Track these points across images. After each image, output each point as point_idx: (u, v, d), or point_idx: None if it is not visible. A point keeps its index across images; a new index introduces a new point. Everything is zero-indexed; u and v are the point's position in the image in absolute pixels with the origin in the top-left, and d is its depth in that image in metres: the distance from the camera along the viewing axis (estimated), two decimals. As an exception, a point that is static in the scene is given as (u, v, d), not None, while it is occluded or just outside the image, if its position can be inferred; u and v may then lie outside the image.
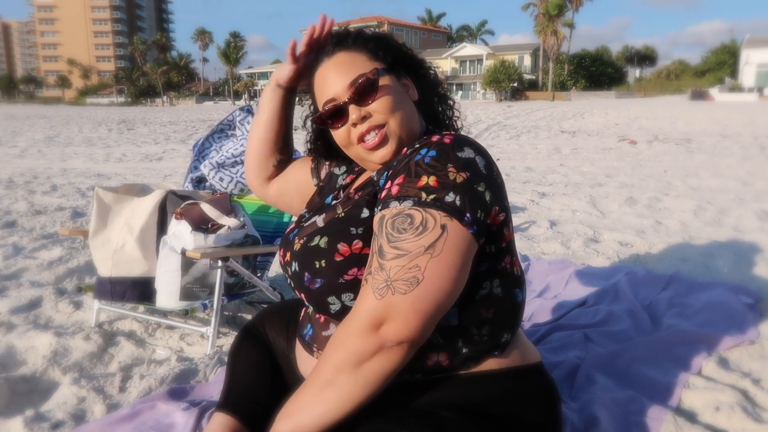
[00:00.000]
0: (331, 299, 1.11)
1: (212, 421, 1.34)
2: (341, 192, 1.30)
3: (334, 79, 1.17)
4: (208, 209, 2.11)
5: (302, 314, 1.30)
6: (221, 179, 2.55)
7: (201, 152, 2.75)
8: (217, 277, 2.04)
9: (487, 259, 1.08)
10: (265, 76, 74.09)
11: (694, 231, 3.75)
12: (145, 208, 2.17)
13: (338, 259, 1.08)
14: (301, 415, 1.03)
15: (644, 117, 17.40)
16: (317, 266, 1.10)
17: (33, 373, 1.89)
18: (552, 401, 1.21)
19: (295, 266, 1.14)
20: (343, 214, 1.14)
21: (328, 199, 1.29)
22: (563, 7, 53.37)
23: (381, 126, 1.14)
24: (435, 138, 1.07)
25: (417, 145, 1.07)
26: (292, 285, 1.19)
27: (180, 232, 2.03)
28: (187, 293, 2.05)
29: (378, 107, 1.14)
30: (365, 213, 1.11)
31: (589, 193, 5.16)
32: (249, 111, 2.82)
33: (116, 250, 2.15)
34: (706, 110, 21.15)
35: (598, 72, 57.54)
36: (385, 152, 1.15)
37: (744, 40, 46.25)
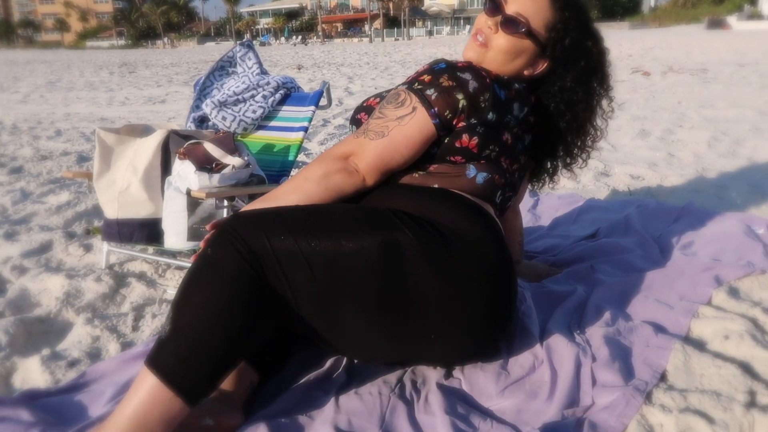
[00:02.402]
0: (351, 127, 1.62)
1: None
2: None
3: None
4: (211, 148, 2.07)
5: None
6: (224, 118, 2.50)
7: (202, 91, 2.69)
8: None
9: (438, 145, 1.40)
10: (267, 14, 72.04)
11: (708, 163, 3.68)
12: (148, 148, 2.14)
13: (364, 105, 1.60)
14: (265, 203, 1.35)
15: (659, 47, 16.85)
16: (357, 106, 1.63)
17: (47, 315, 1.92)
18: (493, 250, 1.34)
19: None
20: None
21: None
22: (576, -68, 50.79)
23: (488, 43, 1.45)
24: (457, 60, 1.44)
25: (441, 59, 1.46)
26: None
27: (184, 172, 2.01)
28: (194, 233, 2.05)
29: (502, 37, 1.43)
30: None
31: (600, 127, 5.04)
32: (249, 46, 2.73)
33: (121, 191, 2.14)
34: (723, 39, 20.45)
35: (611, 2, 55.41)
36: (470, 55, 1.47)
37: (766, -37, 44.02)
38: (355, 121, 1.58)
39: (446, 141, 1.39)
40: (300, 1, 70.85)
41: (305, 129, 2.47)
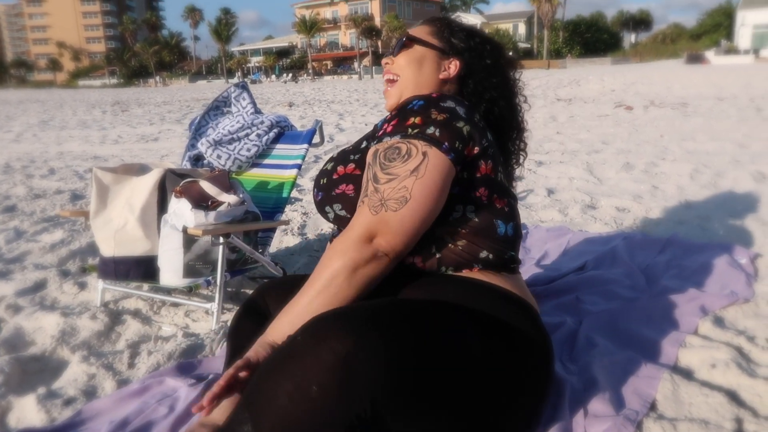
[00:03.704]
0: (327, 209, 1.35)
1: None
2: None
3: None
4: (207, 186, 2.12)
5: None
6: (219, 156, 2.56)
7: (198, 130, 2.75)
8: (219, 253, 2.06)
9: (458, 183, 1.26)
10: (258, 52, 73.16)
11: (691, 194, 3.77)
12: (144, 186, 2.18)
13: (335, 177, 1.34)
14: (290, 316, 1.16)
15: (640, 82, 17.28)
16: (321, 183, 1.37)
17: (42, 353, 1.92)
18: (545, 349, 1.27)
19: (316, 185, 1.42)
20: (350, 147, 1.42)
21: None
22: (558, -27, 52.53)
23: (395, 77, 1.43)
24: (426, 94, 1.34)
25: (411, 97, 1.33)
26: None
27: (180, 210, 2.05)
28: (190, 270, 2.08)
29: (399, 58, 1.43)
30: (363, 144, 1.37)
31: (585, 161, 5.16)
32: (244, 87, 2.81)
33: (118, 229, 2.17)
34: (702, 73, 21.00)
35: (593, 38, 56.98)
36: (390, 101, 1.43)
37: (740, 1, 45.62)
38: (336, 198, 1.33)
39: (465, 176, 1.27)
40: (290, 40, 72.16)
41: (299, 166, 2.53)
